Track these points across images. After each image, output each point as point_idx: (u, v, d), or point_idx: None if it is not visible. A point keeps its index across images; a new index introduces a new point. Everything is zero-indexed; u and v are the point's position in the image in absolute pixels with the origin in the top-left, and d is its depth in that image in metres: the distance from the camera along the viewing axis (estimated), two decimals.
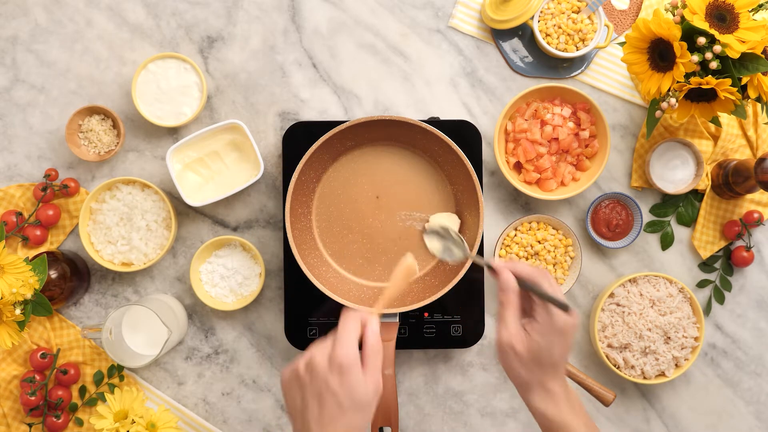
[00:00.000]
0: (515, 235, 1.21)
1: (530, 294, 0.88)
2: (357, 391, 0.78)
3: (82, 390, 1.21)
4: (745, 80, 1.05)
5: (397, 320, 1.10)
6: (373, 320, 0.82)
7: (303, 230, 1.16)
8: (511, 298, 0.87)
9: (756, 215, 1.22)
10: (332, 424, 0.78)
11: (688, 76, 1.04)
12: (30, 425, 1.19)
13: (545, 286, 0.87)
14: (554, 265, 1.21)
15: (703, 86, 1.03)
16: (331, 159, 1.17)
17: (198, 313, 1.24)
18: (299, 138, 1.17)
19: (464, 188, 1.15)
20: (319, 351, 0.80)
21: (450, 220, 1.16)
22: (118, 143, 1.22)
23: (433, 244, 1.04)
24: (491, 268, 0.90)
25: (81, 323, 1.23)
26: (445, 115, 1.25)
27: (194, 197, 1.18)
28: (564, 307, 0.85)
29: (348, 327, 0.80)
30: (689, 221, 1.25)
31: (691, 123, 1.23)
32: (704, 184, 1.23)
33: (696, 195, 1.25)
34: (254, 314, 1.24)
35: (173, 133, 1.24)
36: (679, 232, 1.25)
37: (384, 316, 1.10)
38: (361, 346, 0.81)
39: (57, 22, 1.25)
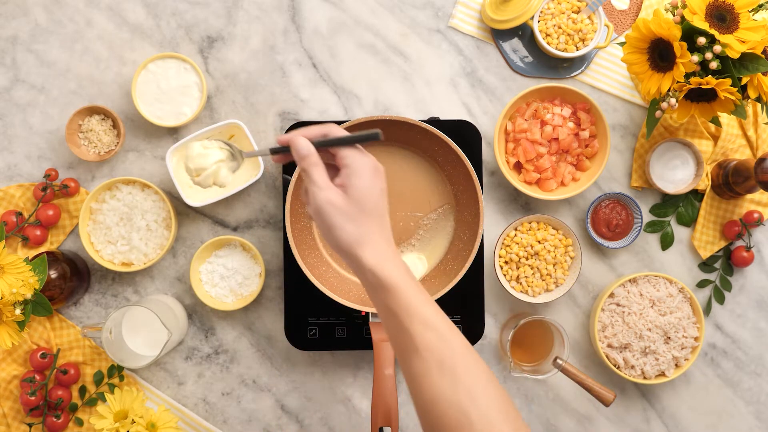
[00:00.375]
0: (515, 235, 1.21)
1: (330, 151, 0.80)
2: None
3: (82, 390, 1.21)
4: (745, 80, 1.05)
5: None
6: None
7: (303, 230, 1.16)
8: (314, 160, 0.78)
9: (756, 215, 1.22)
10: None
11: (688, 76, 1.04)
12: (30, 425, 1.19)
13: (337, 132, 0.80)
14: (554, 265, 1.21)
15: (703, 86, 1.03)
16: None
17: (198, 313, 1.24)
18: None
19: (464, 188, 1.15)
20: None
21: (420, 263, 1.17)
22: (118, 143, 1.22)
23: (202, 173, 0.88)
24: (277, 151, 0.82)
25: (81, 323, 1.23)
26: (445, 115, 1.25)
27: (194, 197, 1.18)
28: (375, 136, 0.78)
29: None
30: (689, 221, 1.25)
31: (691, 123, 1.23)
32: (704, 184, 1.23)
33: (696, 195, 1.25)
34: (254, 314, 1.24)
35: (173, 133, 1.24)
36: (679, 232, 1.25)
37: None
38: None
39: (57, 22, 1.25)
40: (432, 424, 0.73)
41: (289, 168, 1.17)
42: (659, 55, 1.06)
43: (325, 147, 0.80)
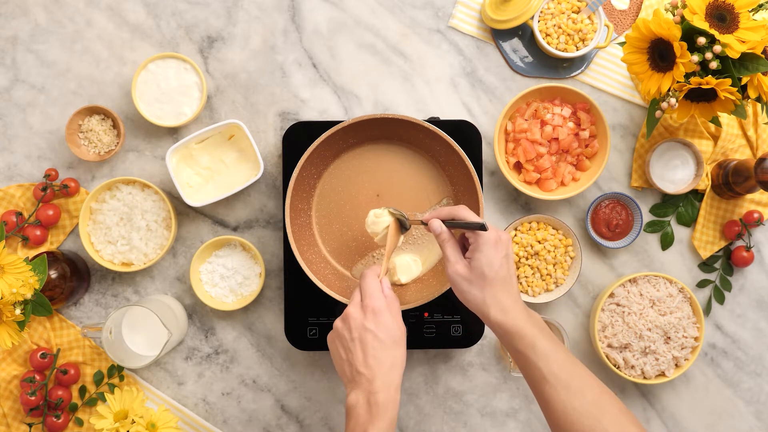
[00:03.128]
0: (515, 235, 1.21)
1: (461, 231, 0.98)
2: (391, 329, 0.93)
3: (82, 390, 1.21)
4: (745, 80, 1.05)
5: None
6: (385, 278, 0.99)
7: (302, 226, 1.16)
8: (445, 238, 0.97)
9: (756, 215, 1.22)
10: (377, 360, 0.91)
11: (688, 76, 1.04)
12: (30, 425, 1.19)
13: (463, 214, 0.96)
14: (554, 265, 1.21)
15: (703, 86, 1.03)
16: (332, 156, 1.17)
17: (198, 313, 1.24)
18: (299, 138, 1.17)
19: (464, 188, 1.15)
20: (352, 306, 0.95)
21: (414, 265, 1.16)
22: (118, 143, 1.22)
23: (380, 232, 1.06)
24: (425, 223, 1.00)
25: (81, 323, 1.23)
26: (445, 115, 1.25)
27: (194, 197, 1.18)
28: (481, 227, 0.93)
29: (372, 282, 0.97)
30: (689, 221, 1.25)
31: (691, 123, 1.23)
32: (704, 184, 1.23)
33: (696, 195, 1.25)
34: (254, 314, 1.24)
35: (173, 133, 1.24)
36: (679, 232, 1.25)
37: None
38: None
39: (57, 22, 1.25)
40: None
41: (289, 171, 1.17)
42: (659, 55, 1.06)
43: (452, 227, 0.97)
